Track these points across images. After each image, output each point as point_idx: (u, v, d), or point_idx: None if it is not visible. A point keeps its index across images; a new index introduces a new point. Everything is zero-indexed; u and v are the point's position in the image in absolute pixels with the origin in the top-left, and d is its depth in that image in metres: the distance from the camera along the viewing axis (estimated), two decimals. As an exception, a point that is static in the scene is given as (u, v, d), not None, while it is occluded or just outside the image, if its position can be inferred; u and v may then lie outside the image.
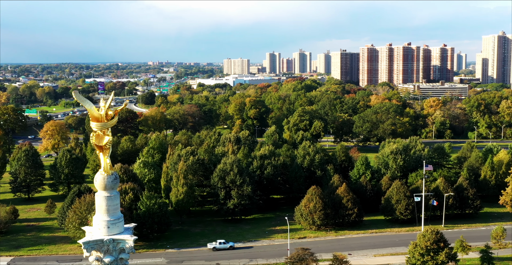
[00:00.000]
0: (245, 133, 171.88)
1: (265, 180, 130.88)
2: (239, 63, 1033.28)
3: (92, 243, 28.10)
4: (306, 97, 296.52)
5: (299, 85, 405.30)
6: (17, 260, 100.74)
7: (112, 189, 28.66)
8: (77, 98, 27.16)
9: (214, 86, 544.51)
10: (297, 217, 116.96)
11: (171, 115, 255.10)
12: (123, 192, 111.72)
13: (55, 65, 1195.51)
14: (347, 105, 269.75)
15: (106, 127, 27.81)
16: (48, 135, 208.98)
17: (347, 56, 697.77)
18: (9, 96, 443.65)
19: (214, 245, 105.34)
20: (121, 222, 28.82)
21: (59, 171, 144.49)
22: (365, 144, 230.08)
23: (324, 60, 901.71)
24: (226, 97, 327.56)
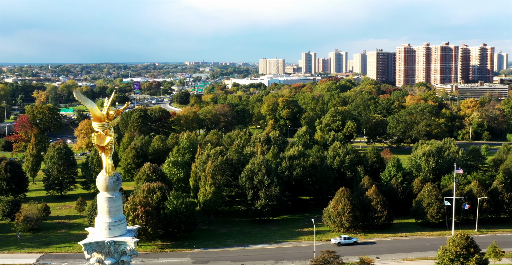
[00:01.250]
0: (276, 133, 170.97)
1: (294, 181, 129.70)
2: (275, 63, 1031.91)
3: (93, 245, 27.74)
4: (340, 97, 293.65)
5: (334, 85, 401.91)
6: (46, 257, 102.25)
7: (114, 190, 28.26)
8: (77, 98, 26.82)
9: (248, 86, 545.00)
10: (325, 219, 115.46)
11: (203, 115, 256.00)
12: (151, 191, 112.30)
13: (94, 65, 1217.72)
14: (381, 105, 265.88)
15: (108, 127, 27.40)
16: (82, 134, 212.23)
17: (383, 56, 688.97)
18: (48, 96, 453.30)
19: (339, 240, 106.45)
20: (123, 224, 28.38)
21: (91, 169, 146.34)
22: (399, 145, 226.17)
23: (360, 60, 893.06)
24: (259, 97, 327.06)
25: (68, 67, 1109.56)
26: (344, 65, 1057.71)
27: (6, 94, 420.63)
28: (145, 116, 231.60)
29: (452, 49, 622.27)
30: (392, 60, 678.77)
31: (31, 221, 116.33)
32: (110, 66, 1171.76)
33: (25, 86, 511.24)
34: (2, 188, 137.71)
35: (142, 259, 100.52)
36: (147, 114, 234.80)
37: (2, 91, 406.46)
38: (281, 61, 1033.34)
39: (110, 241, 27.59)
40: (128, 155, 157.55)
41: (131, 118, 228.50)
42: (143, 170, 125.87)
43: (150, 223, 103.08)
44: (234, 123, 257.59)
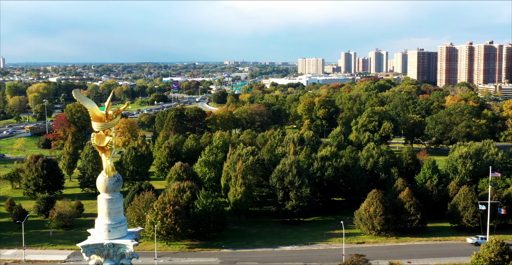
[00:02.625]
0: (310, 133, 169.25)
1: (326, 182, 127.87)
2: (314, 62, 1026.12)
3: (92, 247, 27.27)
4: (378, 97, 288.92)
5: (372, 85, 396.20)
6: (77, 254, 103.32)
7: (114, 191, 27.72)
8: (76, 97, 26.36)
9: (287, 85, 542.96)
10: (357, 221, 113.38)
11: (239, 114, 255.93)
12: (181, 190, 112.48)
13: (135, 65, 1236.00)
14: (420, 106, 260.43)
15: (107, 127, 26.85)
16: (119, 132, 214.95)
17: (424, 55, 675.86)
18: (89, 95, 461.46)
19: (476, 240, 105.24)
20: (123, 226, 27.81)
21: (125, 168, 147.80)
22: (437, 147, 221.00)
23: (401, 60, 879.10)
24: (296, 97, 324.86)
25: (110, 67, 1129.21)
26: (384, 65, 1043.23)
27: (49, 93, 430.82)
28: (181, 116, 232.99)
29: (496, 49, 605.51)
30: (434, 59, 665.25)
31: (64, 218, 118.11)
32: (151, 66, 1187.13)
33: (68, 85, 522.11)
34: (39, 185, 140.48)
35: (170, 258, 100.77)
36: (183, 114, 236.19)
37: (45, 90, 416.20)
38: (320, 60, 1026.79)
39: (109, 243, 27.07)
40: (161, 153, 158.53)
41: (167, 118, 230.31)
42: (174, 169, 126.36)
43: (179, 222, 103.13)
44: (270, 123, 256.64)
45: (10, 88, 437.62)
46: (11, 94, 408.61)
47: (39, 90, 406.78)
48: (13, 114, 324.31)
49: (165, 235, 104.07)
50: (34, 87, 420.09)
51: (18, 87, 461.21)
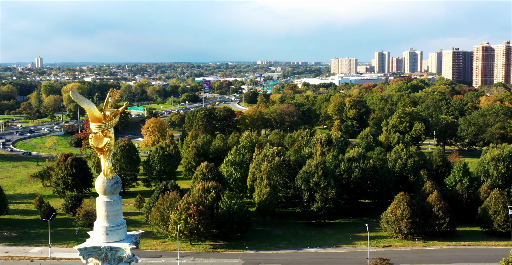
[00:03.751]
0: (338, 134, 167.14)
1: (353, 184, 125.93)
2: (346, 62, 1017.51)
3: (89, 250, 26.83)
4: (410, 98, 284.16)
5: (405, 85, 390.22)
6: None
7: (112, 193, 27.21)
8: (74, 98, 25.92)
9: (319, 85, 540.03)
10: (383, 224, 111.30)
11: (268, 114, 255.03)
12: (206, 190, 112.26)
13: (168, 65, 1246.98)
14: (454, 107, 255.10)
15: (105, 128, 26.37)
16: (149, 132, 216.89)
17: (460, 55, 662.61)
18: (122, 94, 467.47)
19: None
20: (121, 229, 27.29)
21: (152, 167, 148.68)
22: (470, 148, 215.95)
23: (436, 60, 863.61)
24: (327, 97, 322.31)
25: (144, 67, 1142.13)
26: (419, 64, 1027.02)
27: (83, 93, 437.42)
28: (210, 115, 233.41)
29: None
30: (469, 59, 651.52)
31: (91, 217, 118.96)
32: (184, 66, 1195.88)
33: (102, 85, 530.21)
34: (68, 183, 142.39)
35: (193, 258, 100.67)
36: (212, 113, 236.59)
37: (79, 90, 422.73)
38: (353, 60, 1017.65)
39: (106, 246, 26.59)
40: (189, 153, 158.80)
41: (196, 117, 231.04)
42: (200, 169, 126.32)
43: (203, 222, 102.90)
44: (300, 123, 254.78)
45: (46, 88, 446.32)
46: (47, 94, 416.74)
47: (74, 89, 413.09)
48: (47, 113, 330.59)
49: (188, 235, 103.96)
50: (69, 87, 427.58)
51: (54, 87, 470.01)
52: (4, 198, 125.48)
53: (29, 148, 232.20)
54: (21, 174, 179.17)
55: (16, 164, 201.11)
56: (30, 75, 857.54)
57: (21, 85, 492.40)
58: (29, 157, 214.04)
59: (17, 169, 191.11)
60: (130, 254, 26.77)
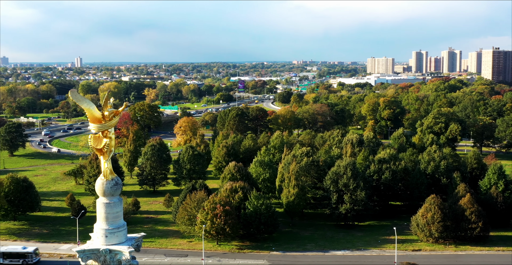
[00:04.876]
0: (370, 135, 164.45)
1: (383, 185, 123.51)
2: (383, 62, 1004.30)
3: (88, 252, 26.45)
4: (446, 98, 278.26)
5: (442, 86, 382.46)
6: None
7: (112, 195, 26.75)
8: (73, 98, 25.54)
9: (354, 85, 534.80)
10: (413, 227, 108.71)
11: (301, 114, 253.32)
12: (233, 191, 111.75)
13: (204, 64, 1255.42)
14: (492, 107, 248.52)
15: (104, 128, 25.91)
16: (181, 131, 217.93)
17: (500, 55, 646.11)
18: (158, 93, 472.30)
19: None
20: (121, 232, 26.83)
21: (182, 166, 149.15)
22: (509, 150, 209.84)
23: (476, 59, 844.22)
24: (361, 97, 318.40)
25: (181, 66, 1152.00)
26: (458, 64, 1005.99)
27: (120, 92, 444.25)
28: (242, 115, 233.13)
29: None
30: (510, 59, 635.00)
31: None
32: (220, 65, 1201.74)
33: (138, 84, 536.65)
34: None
35: (219, 258, 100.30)
36: (244, 113, 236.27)
37: (116, 89, 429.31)
38: (390, 60, 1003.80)
39: (105, 249, 26.20)
40: (219, 153, 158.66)
41: (228, 117, 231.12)
42: (228, 169, 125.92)
43: (229, 222, 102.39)
44: (333, 123, 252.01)
45: (83, 87, 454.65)
46: (84, 93, 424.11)
47: (110, 89, 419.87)
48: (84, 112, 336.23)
49: (214, 235, 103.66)
50: (106, 86, 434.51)
51: (91, 86, 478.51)
52: (36, 195, 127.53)
53: (65, 146, 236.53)
54: (55, 172, 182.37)
55: (51, 162, 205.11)
56: (70, 75, 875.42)
57: (60, 85, 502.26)
58: (64, 154, 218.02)
59: (52, 167, 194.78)
60: (129, 258, 26.24)
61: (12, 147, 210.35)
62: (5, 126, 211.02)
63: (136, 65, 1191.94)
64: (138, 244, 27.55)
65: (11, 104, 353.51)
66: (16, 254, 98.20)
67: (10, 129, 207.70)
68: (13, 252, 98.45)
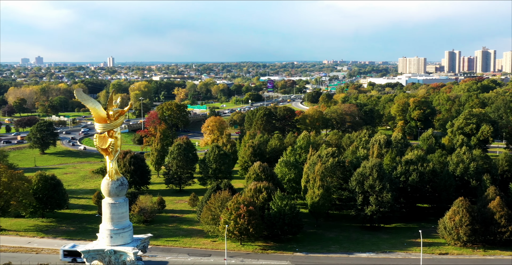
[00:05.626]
0: (398, 135, 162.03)
1: (410, 187, 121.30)
2: (415, 62, 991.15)
3: (93, 253, 26.25)
4: (479, 98, 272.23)
5: (474, 86, 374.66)
6: (153, 249, 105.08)
7: (117, 195, 26.49)
8: (78, 97, 25.34)
9: (384, 85, 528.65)
10: (441, 230, 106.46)
11: (329, 114, 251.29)
12: (258, 191, 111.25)
13: (234, 64, 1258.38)
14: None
15: (109, 128, 25.64)
16: (208, 130, 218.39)
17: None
18: (187, 93, 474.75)
19: None
20: (126, 232, 26.53)
21: (208, 166, 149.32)
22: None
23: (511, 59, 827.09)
24: (391, 97, 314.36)
25: (211, 66, 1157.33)
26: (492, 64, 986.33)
27: (150, 91, 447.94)
28: (270, 115, 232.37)
29: None
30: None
31: (145, 213, 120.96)
32: (250, 65, 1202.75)
33: (168, 83, 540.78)
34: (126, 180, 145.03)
35: (242, 259, 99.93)
36: (272, 113, 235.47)
37: (146, 88, 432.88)
38: (422, 60, 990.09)
39: (110, 250, 25.93)
40: (245, 152, 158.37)
41: (256, 117, 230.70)
42: (253, 169, 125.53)
43: (252, 223, 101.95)
44: (361, 123, 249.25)
45: (114, 86, 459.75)
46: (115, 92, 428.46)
47: (140, 88, 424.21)
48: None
49: (238, 235, 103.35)
50: (136, 86, 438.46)
51: (122, 85, 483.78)
52: (64, 193, 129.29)
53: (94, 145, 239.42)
54: (84, 170, 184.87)
55: (81, 160, 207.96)
56: (102, 74, 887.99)
57: (92, 84, 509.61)
58: (94, 153, 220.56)
59: (81, 165, 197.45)
60: (133, 259, 25.92)
61: (43, 145, 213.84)
62: (36, 125, 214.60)
63: (167, 65, 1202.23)
64: (145, 245, 27.23)
65: (44, 103, 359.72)
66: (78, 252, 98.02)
67: (41, 128, 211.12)
68: (75, 251, 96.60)
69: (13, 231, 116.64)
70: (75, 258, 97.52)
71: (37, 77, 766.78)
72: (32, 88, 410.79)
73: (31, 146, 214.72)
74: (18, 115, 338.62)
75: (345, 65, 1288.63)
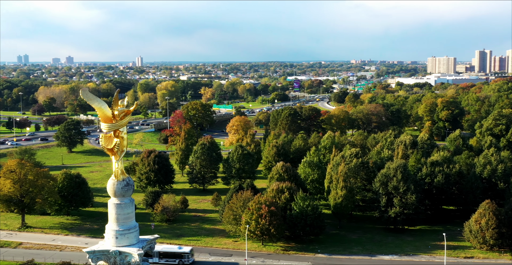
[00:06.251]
0: (425, 136, 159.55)
1: (435, 189, 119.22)
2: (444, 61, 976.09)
3: (98, 253, 26.12)
4: (509, 99, 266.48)
5: (505, 86, 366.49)
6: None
7: (122, 196, 26.31)
8: (83, 96, 25.21)
9: (413, 85, 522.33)
10: (466, 233, 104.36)
11: (355, 114, 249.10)
12: (280, 191, 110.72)
13: (262, 64, 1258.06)
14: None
15: (115, 128, 25.44)
16: (233, 130, 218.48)
17: None
18: (214, 92, 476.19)
19: None
20: (132, 233, 26.35)
21: (231, 166, 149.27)
22: None
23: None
24: (419, 97, 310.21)
25: (238, 66, 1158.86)
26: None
27: (177, 91, 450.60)
28: (295, 115, 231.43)
29: None
30: None
31: (168, 212, 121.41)
32: (277, 65, 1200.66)
33: (195, 83, 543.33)
34: (150, 178, 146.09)
35: (263, 259, 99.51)
36: (297, 113, 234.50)
37: (173, 88, 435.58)
38: (451, 59, 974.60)
39: (115, 250, 25.74)
40: (269, 152, 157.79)
41: (281, 116, 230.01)
42: (275, 169, 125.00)
43: (274, 223, 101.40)
44: (388, 124, 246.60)
45: (142, 86, 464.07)
46: (142, 91, 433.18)
47: (167, 87, 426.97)
48: (141, 110, 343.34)
49: (259, 235, 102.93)
50: (163, 85, 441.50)
51: (149, 85, 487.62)
52: (89, 191, 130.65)
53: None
54: (110, 168, 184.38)
55: (107, 159, 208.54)
56: (130, 74, 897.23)
57: (120, 83, 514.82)
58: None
59: (107, 163, 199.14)
60: (138, 260, 25.70)
61: (71, 143, 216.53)
62: (64, 124, 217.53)
63: (195, 65, 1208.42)
64: (151, 246, 27.00)
65: (72, 102, 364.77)
66: (172, 254, 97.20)
67: (69, 126, 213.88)
68: (169, 252, 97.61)
69: (39, 228, 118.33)
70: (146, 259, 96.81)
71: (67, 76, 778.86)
72: (62, 88, 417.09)
73: (58, 144, 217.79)
74: (48, 114, 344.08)
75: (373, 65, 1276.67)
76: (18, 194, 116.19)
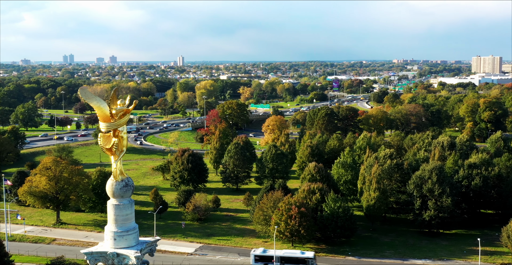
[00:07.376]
0: (464, 138, 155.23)
1: (472, 192, 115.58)
2: (490, 61, 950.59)
3: (96, 255, 25.68)
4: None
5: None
6: (204, 248, 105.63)
7: (121, 197, 25.78)
8: (82, 95, 24.80)
9: (456, 85, 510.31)
10: (504, 238, 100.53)
11: (393, 115, 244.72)
12: (311, 192, 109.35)
13: (302, 63, 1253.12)
14: None
15: (113, 127, 24.92)
16: (269, 130, 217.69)
17: None
18: (253, 92, 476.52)
19: None
20: (131, 235, 25.81)
21: (264, 165, 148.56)
22: None
23: None
24: (460, 98, 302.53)
25: (278, 65, 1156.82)
26: None
27: (216, 90, 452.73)
28: (332, 115, 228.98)
29: None
30: None
31: (199, 211, 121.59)
32: (318, 64, 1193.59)
33: (234, 82, 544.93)
34: (184, 177, 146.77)
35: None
36: (333, 112, 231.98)
37: (212, 87, 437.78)
38: (497, 59, 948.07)
39: (113, 252, 25.26)
40: (303, 152, 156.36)
41: (317, 116, 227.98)
42: (308, 169, 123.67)
43: (304, 224, 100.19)
44: (427, 125, 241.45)
45: (181, 85, 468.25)
46: (181, 91, 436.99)
47: (206, 87, 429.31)
48: (180, 109, 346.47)
49: (289, 236, 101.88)
50: (202, 84, 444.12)
51: (189, 84, 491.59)
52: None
53: (158, 142, 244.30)
54: (146, 167, 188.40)
55: (144, 157, 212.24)
56: (171, 73, 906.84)
57: (160, 82, 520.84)
58: (156, 150, 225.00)
59: (144, 162, 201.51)
60: (135, 262, 25.15)
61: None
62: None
63: (235, 64, 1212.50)
64: (152, 249, 26.43)
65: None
66: (296, 259, 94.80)
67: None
68: (293, 257, 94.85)
69: (72, 225, 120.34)
70: (266, 263, 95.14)
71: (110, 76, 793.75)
72: (103, 87, 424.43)
73: (97, 142, 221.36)
74: (89, 112, 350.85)
75: (416, 64, 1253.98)
76: (53, 191, 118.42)
